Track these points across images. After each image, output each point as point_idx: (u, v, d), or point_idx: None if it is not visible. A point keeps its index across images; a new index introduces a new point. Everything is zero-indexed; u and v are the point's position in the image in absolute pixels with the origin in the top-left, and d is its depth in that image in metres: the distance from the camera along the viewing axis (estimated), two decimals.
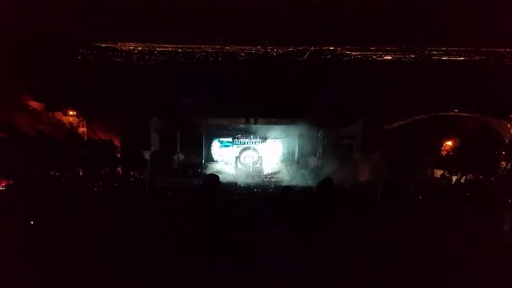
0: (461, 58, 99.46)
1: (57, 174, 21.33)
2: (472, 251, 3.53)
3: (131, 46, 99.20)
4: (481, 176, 23.66)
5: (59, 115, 32.70)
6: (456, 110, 37.56)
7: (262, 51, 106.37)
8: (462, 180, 24.46)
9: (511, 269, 3.10)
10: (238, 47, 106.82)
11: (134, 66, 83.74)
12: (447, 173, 26.16)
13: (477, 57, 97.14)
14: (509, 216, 4.18)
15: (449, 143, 30.43)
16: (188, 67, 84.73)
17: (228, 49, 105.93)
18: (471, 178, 24.14)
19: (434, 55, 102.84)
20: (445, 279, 3.07)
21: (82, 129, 32.33)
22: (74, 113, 33.25)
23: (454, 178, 25.46)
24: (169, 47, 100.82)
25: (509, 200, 8.99)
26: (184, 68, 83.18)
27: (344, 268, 3.06)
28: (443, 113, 37.07)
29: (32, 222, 4.39)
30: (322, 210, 3.79)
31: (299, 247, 3.16)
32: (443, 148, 30.61)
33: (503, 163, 25.41)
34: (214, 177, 4.37)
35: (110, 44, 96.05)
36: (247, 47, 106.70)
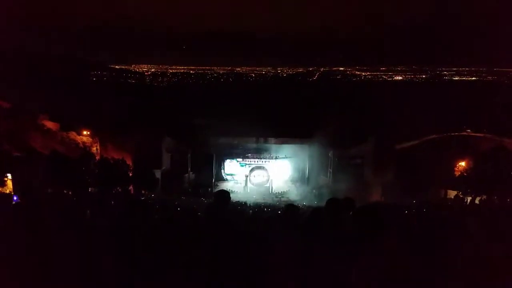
0: (473, 78, 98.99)
1: (70, 192, 21.57)
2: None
3: (144, 68, 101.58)
4: (495, 197, 23.14)
5: (73, 134, 33.30)
6: (468, 130, 37.12)
7: (272, 72, 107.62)
8: (477, 201, 23.94)
9: None
10: (249, 68, 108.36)
11: (147, 87, 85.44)
12: (461, 194, 25.66)
13: (490, 77, 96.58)
14: None
15: (463, 163, 29.97)
16: (199, 88, 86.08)
17: (239, 70, 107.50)
18: (484, 199, 23.63)
19: (446, 75, 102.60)
20: None
21: (95, 148, 32.82)
22: (88, 132, 33.85)
23: (469, 199, 24.95)
24: (181, 68, 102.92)
25: None
26: (196, 89, 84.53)
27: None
28: (456, 133, 36.66)
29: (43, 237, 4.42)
30: (331, 229, 3.78)
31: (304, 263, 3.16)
32: (456, 169, 30.13)
33: None
34: (225, 193, 4.41)
35: (124, 66, 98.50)
36: (257, 68, 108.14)
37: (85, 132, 33.81)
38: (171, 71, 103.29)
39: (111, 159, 27.23)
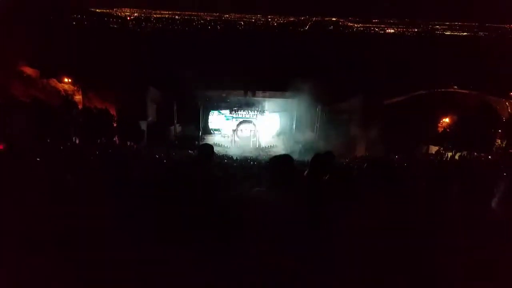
0: (464, 34, 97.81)
1: (52, 141, 21.21)
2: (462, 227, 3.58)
3: (127, 12, 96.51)
4: (475, 154, 23.81)
5: (54, 82, 32.20)
6: (455, 87, 37.26)
7: (262, 20, 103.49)
8: (456, 157, 24.60)
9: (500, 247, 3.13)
10: (238, 15, 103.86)
11: (130, 33, 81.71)
12: (442, 150, 26.27)
13: (481, 33, 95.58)
14: (499, 193, 4.17)
15: (447, 119, 30.38)
16: (185, 35, 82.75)
17: (227, 17, 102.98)
18: (465, 155, 24.29)
19: (438, 29, 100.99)
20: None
21: (77, 97, 31.92)
22: (69, 80, 32.72)
23: (449, 154, 25.58)
24: (166, 13, 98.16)
25: (503, 175, 9.01)
26: (182, 36, 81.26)
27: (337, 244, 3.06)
28: (443, 89, 36.79)
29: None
30: (317, 183, 3.75)
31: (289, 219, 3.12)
32: (440, 125, 30.58)
33: (499, 141, 25.52)
34: (208, 147, 4.33)
35: (105, 9, 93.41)
36: (246, 16, 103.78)
37: (66, 80, 32.68)
38: (155, 16, 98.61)
39: (94, 108, 26.59)
